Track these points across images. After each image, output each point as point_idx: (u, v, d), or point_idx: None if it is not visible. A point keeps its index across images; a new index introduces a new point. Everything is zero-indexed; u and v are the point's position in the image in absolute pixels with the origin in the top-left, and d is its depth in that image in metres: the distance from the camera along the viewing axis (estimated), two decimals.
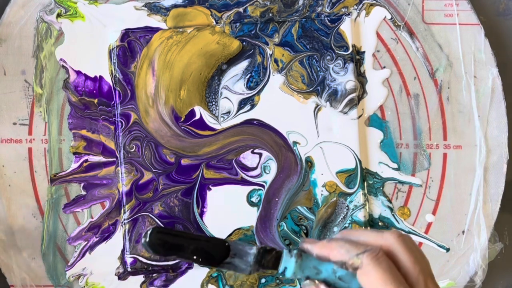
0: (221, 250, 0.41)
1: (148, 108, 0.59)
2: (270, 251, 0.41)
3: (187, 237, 0.41)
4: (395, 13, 0.60)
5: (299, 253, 0.41)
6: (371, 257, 0.38)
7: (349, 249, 0.39)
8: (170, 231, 0.41)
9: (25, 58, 0.59)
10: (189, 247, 0.41)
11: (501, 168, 0.60)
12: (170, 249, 0.41)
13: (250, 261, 0.41)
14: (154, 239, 0.40)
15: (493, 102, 0.60)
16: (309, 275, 0.41)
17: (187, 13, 0.59)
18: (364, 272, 0.38)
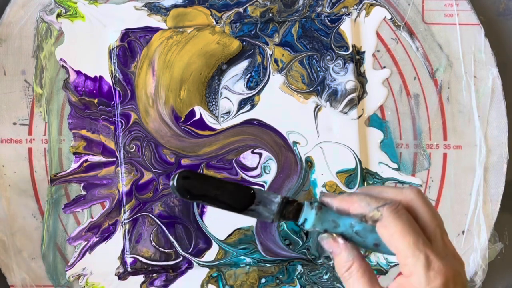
0: (246, 197, 0.42)
1: (148, 108, 0.59)
2: (291, 202, 0.42)
3: (214, 182, 0.41)
4: (395, 13, 0.60)
5: (319, 206, 0.41)
6: (391, 210, 0.39)
7: (369, 202, 0.40)
8: (198, 175, 0.41)
9: (25, 58, 0.59)
10: (215, 193, 0.41)
11: (501, 168, 0.60)
12: (196, 195, 0.41)
13: (274, 210, 0.42)
14: (182, 184, 0.40)
15: (493, 102, 0.60)
16: (327, 228, 0.41)
17: (187, 13, 0.59)
18: (383, 224, 0.39)
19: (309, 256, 0.59)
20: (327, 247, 0.42)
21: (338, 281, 0.60)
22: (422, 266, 0.38)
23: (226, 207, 0.42)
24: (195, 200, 0.41)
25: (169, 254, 0.59)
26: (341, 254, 0.41)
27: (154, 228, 0.59)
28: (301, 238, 0.59)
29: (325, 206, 0.42)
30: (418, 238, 0.38)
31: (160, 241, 0.59)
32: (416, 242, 0.38)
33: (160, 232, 0.59)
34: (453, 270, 0.38)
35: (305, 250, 0.59)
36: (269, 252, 0.59)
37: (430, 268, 0.38)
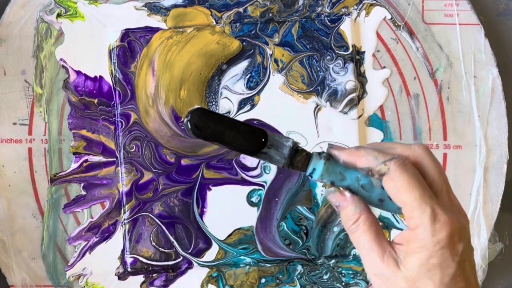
0: (259, 139, 0.41)
1: (148, 108, 0.59)
2: (300, 152, 0.41)
3: (229, 122, 0.41)
4: (395, 13, 0.60)
5: (328, 157, 0.41)
6: (398, 164, 0.39)
7: (377, 156, 0.40)
8: (213, 114, 0.40)
9: (25, 58, 0.59)
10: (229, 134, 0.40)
11: (501, 168, 0.60)
12: (211, 134, 0.40)
13: (285, 154, 0.41)
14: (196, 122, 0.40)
15: (493, 102, 0.60)
16: (334, 181, 0.41)
17: (187, 13, 0.59)
18: (390, 177, 0.39)
19: (309, 256, 0.59)
20: (334, 200, 0.42)
21: (338, 281, 0.60)
22: (428, 218, 0.38)
23: (239, 148, 0.41)
24: (208, 140, 0.40)
25: (169, 254, 0.59)
26: (348, 207, 0.41)
27: (154, 228, 0.59)
28: (301, 238, 0.59)
29: (333, 158, 0.42)
30: (424, 191, 0.38)
31: (160, 241, 0.59)
32: (422, 195, 0.38)
33: (160, 232, 0.59)
34: (459, 224, 0.38)
35: (305, 250, 0.59)
36: (269, 252, 0.59)
37: (436, 220, 0.38)
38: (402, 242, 0.39)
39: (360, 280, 0.60)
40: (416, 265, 0.38)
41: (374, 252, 0.40)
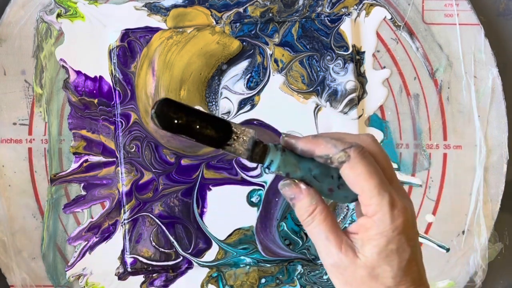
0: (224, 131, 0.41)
1: (148, 108, 0.59)
2: (258, 144, 0.41)
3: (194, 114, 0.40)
4: (395, 13, 0.60)
5: (283, 148, 0.41)
6: (358, 151, 0.39)
7: (335, 144, 0.40)
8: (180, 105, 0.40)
9: (25, 58, 0.59)
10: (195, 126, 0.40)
11: (501, 168, 0.60)
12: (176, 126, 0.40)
13: (249, 145, 0.41)
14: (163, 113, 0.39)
15: (493, 102, 0.60)
16: (289, 172, 0.41)
17: (187, 13, 0.59)
18: (350, 165, 0.39)
19: (309, 256, 0.59)
20: (288, 193, 0.42)
21: None
22: (387, 204, 0.39)
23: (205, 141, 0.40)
24: (174, 131, 0.40)
25: (169, 254, 0.59)
26: (304, 199, 0.41)
27: (154, 228, 0.59)
28: (301, 238, 0.59)
29: (288, 150, 0.41)
30: (382, 179, 0.39)
31: (160, 241, 0.59)
32: (381, 183, 0.39)
33: (160, 232, 0.59)
34: (411, 211, 0.40)
35: (305, 250, 0.59)
36: (269, 252, 0.59)
37: (394, 206, 0.39)
38: (358, 231, 0.40)
39: None
40: (375, 252, 0.39)
41: (331, 242, 0.40)
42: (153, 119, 0.39)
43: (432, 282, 0.59)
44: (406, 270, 0.39)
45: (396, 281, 0.40)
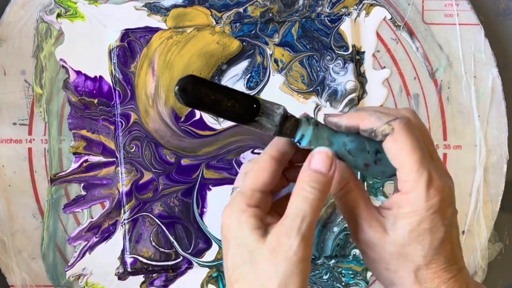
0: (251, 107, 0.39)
1: (148, 108, 0.59)
2: (289, 118, 0.40)
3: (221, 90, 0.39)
4: (395, 13, 0.60)
5: (316, 122, 0.40)
6: (403, 124, 0.38)
7: (380, 117, 0.39)
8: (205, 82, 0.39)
9: (25, 58, 0.59)
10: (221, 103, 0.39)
11: (501, 168, 0.60)
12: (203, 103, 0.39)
13: (276, 121, 0.40)
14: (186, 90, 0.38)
15: (493, 102, 0.60)
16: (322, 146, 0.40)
17: (187, 13, 0.59)
18: (394, 138, 0.38)
19: None
20: None
21: (338, 281, 0.60)
22: (425, 182, 0.38)
23: (231, 117, 0.39)
24: (200, 108, 0.39)
25: (169, 254, 0.59)
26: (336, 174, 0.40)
27: (154, 228, 0.59)
28: None
29: (321, 124, 0.41)
30: (424, 155, 0.38)
31: (160, 241, 0.59)
32: (422, 159, 0.38)
33: (160, 232, 0.59)
34: (449, 189, 0.39)
35: None
36: None
37: (431, 185, 0.38)
38: (391, 207, 0.39)
39: (360, 280, 0.60)
40: (407, 230, 0.38)
41: (361, 218, 0.40)
42: (177, 96, 0.38)
43: None
44: (438, 249, 0.39)
45: (427, 260, 0.39)
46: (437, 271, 0.39)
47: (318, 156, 0.39)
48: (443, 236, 0.39)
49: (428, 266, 0.39)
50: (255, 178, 0.40)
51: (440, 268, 0.39)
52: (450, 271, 0.39)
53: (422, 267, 0.39)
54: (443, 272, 0.39)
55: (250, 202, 0.39)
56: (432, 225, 0.38)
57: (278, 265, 0.37)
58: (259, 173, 0.40)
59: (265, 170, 0.40)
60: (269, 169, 0.40)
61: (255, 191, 0.39)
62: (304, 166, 0.39)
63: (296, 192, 0.39)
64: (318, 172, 0.39)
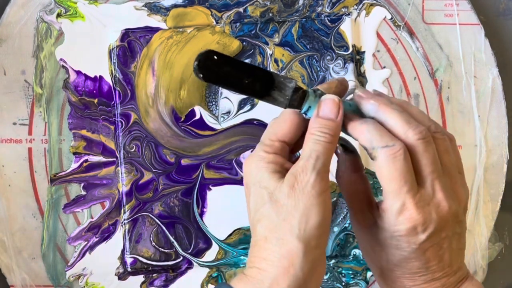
0: (266, 82, 0.41)
1: (148, 108, 0.59)
2: (297, 90, 0.41)
3: (237, 66, 0.40)
4: (395, 13, 0.60)
5: (322, 93, 0.42)
6: (387, 154, 0.40)
7: (372, 139, 0.41)
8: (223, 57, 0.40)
9: (25, 58, 0.59)
10: (238, 78, 0.40)
11: (501, 168, 0.60)
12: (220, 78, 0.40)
13: (288, 95, 0.41)
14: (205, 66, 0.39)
15: (493, 102, 0.60)
16: None
17: (187, 13, 0.59)
18: (377, 165, 0.41)
19: None
20: None
21: (338, 281, 0.60)
22: (395, 210, 0.40)
23: (247, 92, 0.41)
24: (218, 83, 0.40)
25: (169, 254, 0.59)
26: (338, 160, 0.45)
27: (154, 228, 0.59)
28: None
29: None
30: (402, 186, 0.40)
31: (160, 241, 0.59)
32: (398, 189, 0.40)
33: (160, 232, 0.59)
34: (424, 218, 0.40)
35: None
36: None
37: (401, 214, 0.40)
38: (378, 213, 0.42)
39: (360, 280, 0.60)
40: (381, 238, 0.42)
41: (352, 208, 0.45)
42: (195, 72, 0.39)
43: None
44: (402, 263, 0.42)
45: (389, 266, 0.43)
46: (400, 277, 0.42)
47: (325, 104, 0.41)
48: (408, 255, 0.41)
49: (391, 270, 0.43)
50: (275, 128, 0.42)
51: (404, 276, 0.42)
52: (414, 280, 0.42)
53: (385, 269, 0.43)
54: (406, 279, 0.42)
55: (269, 149, 0.41)
56: (397, 243, 0.41)
57: (298, 200, 0.39)
58: (279, 124, 0.42)
59: (285, 121, 0.42)
60: (289, 120, 0.42)
61: (274, 140, 0.42)
62: (314, 115, 0.41)
63: (308, 138, 0.41)
64: (327, 118, 0.41)
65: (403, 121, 0.41)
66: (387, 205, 0.41)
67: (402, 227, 0.40)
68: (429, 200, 0.41)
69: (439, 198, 0.41)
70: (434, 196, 0.41)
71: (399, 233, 0.41)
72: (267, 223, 0.40)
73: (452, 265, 0.42)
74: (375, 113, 0.42)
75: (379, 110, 0.42)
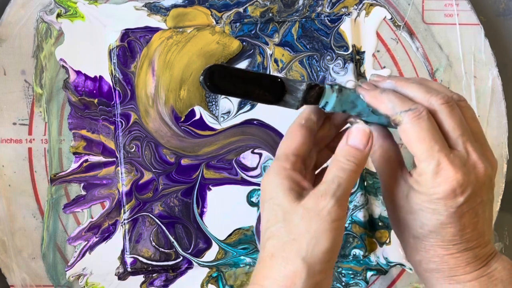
0: (276, 89, 0.42)
1: (148, 108, 0.59)
2: (314, 87, 0.42)
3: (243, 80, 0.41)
4: (395, 13, 0.60)
5: (340, 89, 0.43)
6: (412, 116, 0.40)
7: (395, 106, 0.41)
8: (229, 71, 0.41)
9: (25, 58, 0.59)
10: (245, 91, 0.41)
11: (501, 168, 0.60)
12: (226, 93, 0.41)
13: (299, 97, 0.42)
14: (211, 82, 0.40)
15: (493, 102, 0.60)
16: (346, 109, 0.43)
17: (187, 13, 0.59)
18: (403, 129, 0.41)
19: None
20: None
21: (338, 281, 0.60)
22: (431, 171, 0.40)
23: (260, 101, 0.42)
24: (228, 95, 0.42)
25: (169, 254, 0.59)
26: None
27: (154, 228, 0.59)
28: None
29: (345, 89, 0.43)
30: (433, 145, 0.40)
31: (160, 241, 0.59)
32: (430, 149, 0.40)
33: (160, 232, 0.59)
34: (463, 179, 0.40)
35: None
36: None
37: (438, 174, 0.40)
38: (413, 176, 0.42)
39: (360, 280, 0.60)
40: (416, 203, 0.41)
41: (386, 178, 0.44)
42: (202, 86, 0.40)
43: None
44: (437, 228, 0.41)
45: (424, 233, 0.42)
46: (434, 245, 0.42)
47: (356, 133, 0.41)
48: (445, 220, 0.41)
49: (425, 238, 0.42)
50: (287, 143, 0.43)
51: (437, 244, 0.42)
52: (448, 249, 0.42)
53: (419, 238, 0.42)
54: (440, 248, 0.42)
55: (284, 164, 0.41)
56: (435, 207, 0.41)
57: (311, 222, 0.39)
58: (290, 138, 0.43)
59: (295, 135, 0.43)
60: (299, 134, 0.43)
61: (288, 154, 0.42)
62: (342, 142, 0.41)
63: (333, 163, 0.41)
64: (355, 148, 0.41)
65: (424, 91, 0.42)
66: (421, 169, 0.40)
67: (440, 188, 0.40)
68: (465, 161, 0.40)
69: (474, 159, 0.41)
70: (468, 157, 0.41)
71: (438, 196, 0.40)
72: (276, 241, 0.39)
73: (484, 235, 0.43)
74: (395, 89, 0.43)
75: (397, 86, 0.43)
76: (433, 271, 0.43)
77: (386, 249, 0.60)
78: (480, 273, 0.43)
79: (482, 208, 0.41)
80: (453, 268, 0.42)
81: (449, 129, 0.41)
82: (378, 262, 0.60)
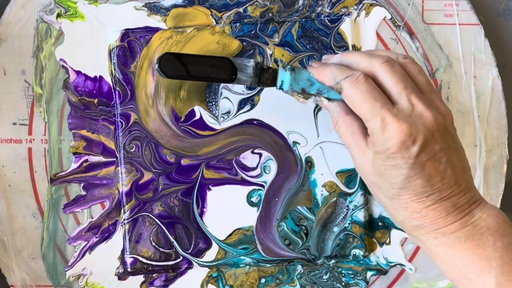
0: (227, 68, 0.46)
1: (148, 108, 0.59)
2: (267, 70, 0.46)
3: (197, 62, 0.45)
4: (395, 13, 0.60)
5: (292, 68, 0.46)
6: (350, 82, 0.44)
7: (335, 76, 0.45)
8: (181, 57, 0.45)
9: (25, 58, 0.59)
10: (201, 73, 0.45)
11: (501, 168, 0.60)
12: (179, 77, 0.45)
13: (250, 73, 0.46)
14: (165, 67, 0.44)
15: (493, 102, 0.60)
16: (304, 87, 0.46)
17: (187, 13, 0.59)
18: (345, 95, 0.44)
19: (309, 256, 0.59)
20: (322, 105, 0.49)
21: (338, 281, 0.60)
22: (378, 127, 0.42)
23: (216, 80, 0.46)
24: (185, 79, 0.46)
25: (169, 254, 0.59)
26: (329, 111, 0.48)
27: (154, 228, 0.59)
28: (301, 238, 0.59)
29: (298, 68, 0.46)
30: (374, 103, 0.42)
31: (160, 241, 0.59)
32: (372, 108, 0.42)
33: (160, 232, 0.59)
34: (410, 129, 0.42)
35: (305, 250, 0.59)
36: (269, 252, 0.59)
37: (385, 129, 0.42)
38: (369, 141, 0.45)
39: (360, 280, 0.60)
40: (379, 164, 0.44)
41: (353, 149, 0.46)
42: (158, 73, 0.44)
43: (432, 282, 0.59)
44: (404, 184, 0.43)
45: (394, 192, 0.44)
46: (409, 202, 0.44)
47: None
48: (408, 173, 0.42)
49: (398, 197, 0.44)
50: None
51: (411, 200, 0.43)
52: (423, 202, 0.43)
53: (394, 198, 0.44)
54: (415, 203, 0.43)
55: None
56: (395, 162, 0.43)
57: None
58: None
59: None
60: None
61: None
62: None
63: None
64: None
65: (366, 56, 0.45)
66: (371, 128, 0.43)
67: (391, 142, 0.42)
68: (410, 112, 0.42)
69: (420, 109, 0.43)
70: (414, 108, 0.43)
71: (392, 150, 0.42)
72: None
73: (459, 183, 0.43)
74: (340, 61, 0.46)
75: (342, 58, 0.46)
76: (418, 228, 0.44)
77: (386, 249, 0.60)
78: (464, 223, 0.43)
79: (446, 156, 0.43)
80: (435, 221, 0.43)
81: (390, 86, 0.43)
82: (378, 262, 0.60)
